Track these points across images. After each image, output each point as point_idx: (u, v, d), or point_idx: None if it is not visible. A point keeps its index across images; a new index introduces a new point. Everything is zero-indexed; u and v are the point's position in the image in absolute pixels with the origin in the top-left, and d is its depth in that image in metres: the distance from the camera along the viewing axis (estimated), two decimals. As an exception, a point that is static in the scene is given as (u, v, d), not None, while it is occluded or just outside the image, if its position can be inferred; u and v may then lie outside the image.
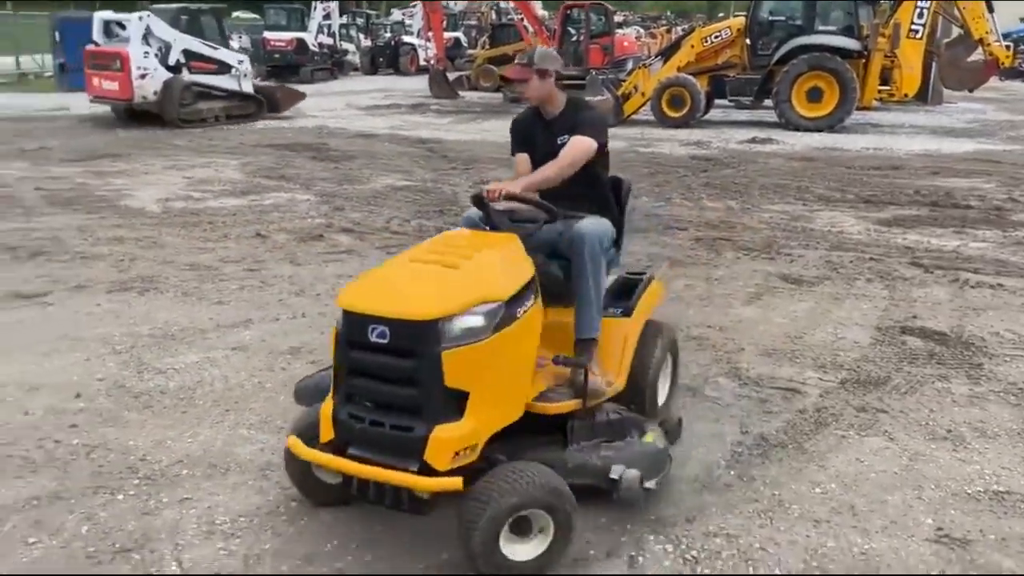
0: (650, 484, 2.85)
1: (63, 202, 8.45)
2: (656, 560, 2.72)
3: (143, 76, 14.09)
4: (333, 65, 27.85)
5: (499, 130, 14.97)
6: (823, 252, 6.71)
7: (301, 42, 25.89)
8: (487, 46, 25.22)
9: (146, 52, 14.17)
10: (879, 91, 14.61)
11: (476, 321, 2.56)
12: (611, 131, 3.73)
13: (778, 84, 14.36)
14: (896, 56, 14.25)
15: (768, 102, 15.02)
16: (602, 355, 3.25)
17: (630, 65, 19.48)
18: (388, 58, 31.13)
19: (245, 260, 6.56)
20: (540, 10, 22.80)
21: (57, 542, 2.76)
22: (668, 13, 44.01)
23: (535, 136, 3.49)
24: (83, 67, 14.91)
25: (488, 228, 3.18)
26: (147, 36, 14.29)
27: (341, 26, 29.99)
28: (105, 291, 5.64)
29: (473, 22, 35.52)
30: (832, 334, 4.89)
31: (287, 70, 25.81)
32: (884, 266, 6.31)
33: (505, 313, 2.63)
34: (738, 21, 15.52)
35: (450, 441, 2.48)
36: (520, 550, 2.54)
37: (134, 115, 14.74)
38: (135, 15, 14.41)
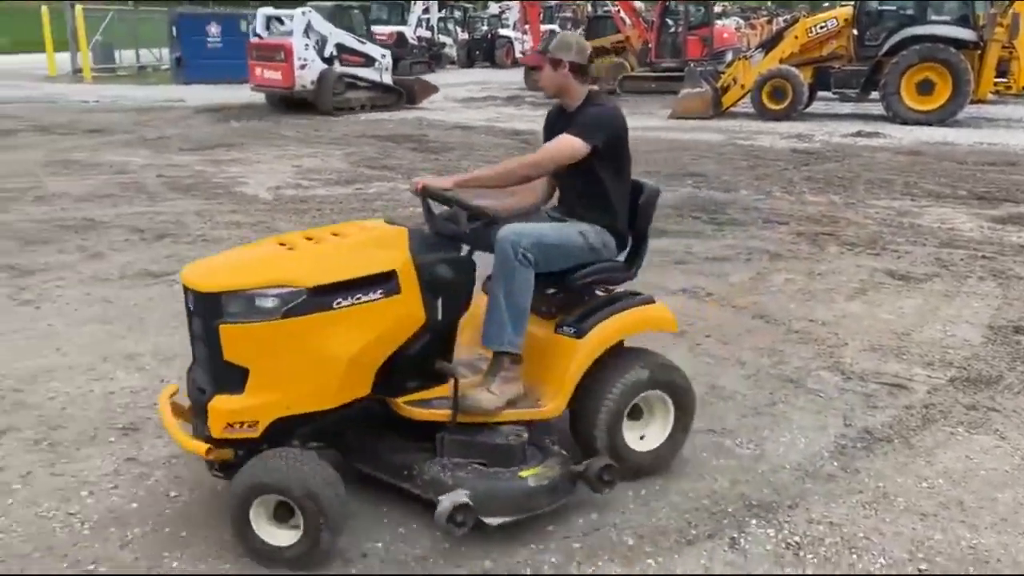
0: (492, 520, 2.66)
1: (183, 188, 8.96)
2: (758, 543, 2.77)
3: (303, 66, 15.25)
4: (430, 58, 28.37)
5: (595, 122, 15.04)
6: (932, 249, 6.51)
7: (401, 35, 26.46)
8: (583, 38, 25.18)
9: (306, 44, 15.39)
10: (995, 83, 13.95)
11: (263, 302, 2.56)
12: (708, 123, 3.75)
13: (886, 76, 13.89)
14: (1014, 47, 13.57)
15: (875, 95, 14.54)
16: (541, 373, 3.01)
17: (729, 57, 19.16)
18: (484, 51, 31.51)
19: (352, 245, 6.83)
20: (638, 1, 22.59)
21: (196, 496, 3.00)
22: (769, 3, 42.88)
23: (557, 131, 3.15)
24: (196, 59, 15.75)
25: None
26: (307, 30, 15.50)
27: (439, 20, 30.51)
28: (225, 271, 5.99)
29: (568, 14, 35.50)
30: (941, 331, 4.78)
31: (386, 63, 26.42)
32: (998, 264, 6.08)
33: (306, 300, 2.58)
34: (845, 11, 15.07)
35: (222, 412, 2.56)
36: (278, 535, 2.57)
37: (289, 103, 15.88)
38: (298, 10, 15.74)
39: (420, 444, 2.86)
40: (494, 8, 37.74)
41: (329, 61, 15.79)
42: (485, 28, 34.06)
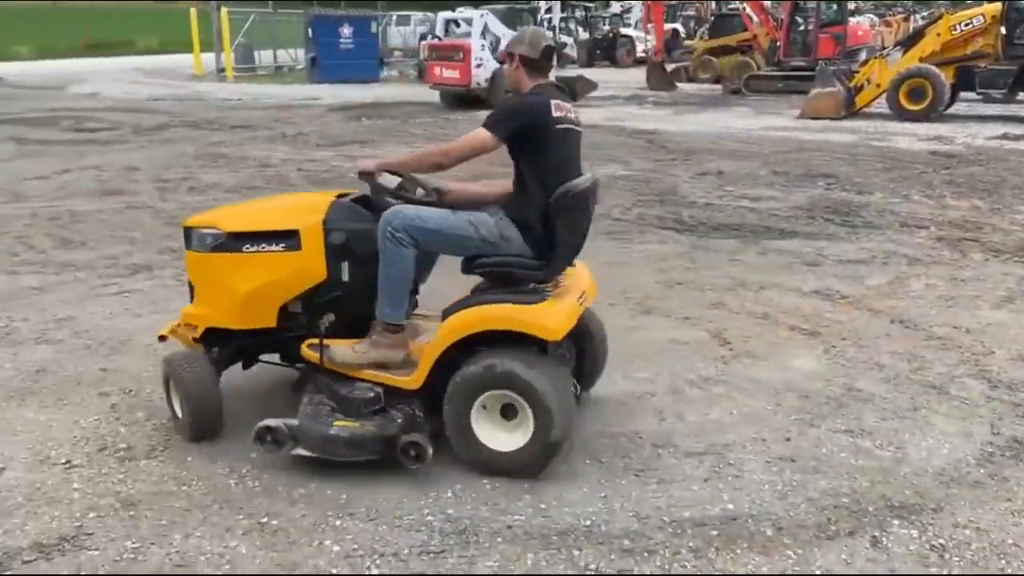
0: (297, 451, 3.09)
1: (320, 182, 9.43)
2: (901, 543, 2.74)
3: (479, 66, 16.38)
4: (551, 58, 28.51)
5: (719, 121, 14.80)
6: (1089, 258, 6.14)
7: (523, 36, 26.76)
8: (706, 37, 24.80)
9: (482, 45, 16.53)
10: None
11: (203, 238, 3.38)
12: (839, 124, 3.69)
13: (1038, 76, 13.06)
14: None
15: (1023, 96, 13.70)
16: (423, 347, 3.21)
17: (863, 55, 18.43)
18: (605, 50, 31.43)
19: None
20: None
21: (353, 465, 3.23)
22: (907, 1, 40.84)
23: None
24: (329, 59, 16.46)
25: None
26: (484, 31, 16.70)
27: (560, 19, 30.64)
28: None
29: (691, 12, 34.96)
30: (1099, 344, 4.52)
31: (508, 63, 26.80)
32: None
33: (224, 242, 3.31)
34: (993, 7, 14.23)
35: (183, 315, 3.52)
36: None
37: (463, 100, 16.96)
38: (477, 12, 17.26)
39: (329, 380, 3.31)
40: (616, 7, 37.61)
41: (501, 61, 16.41)
42: (607, 27, 33.98)
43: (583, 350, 3.72)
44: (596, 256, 6.51)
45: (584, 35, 33.91)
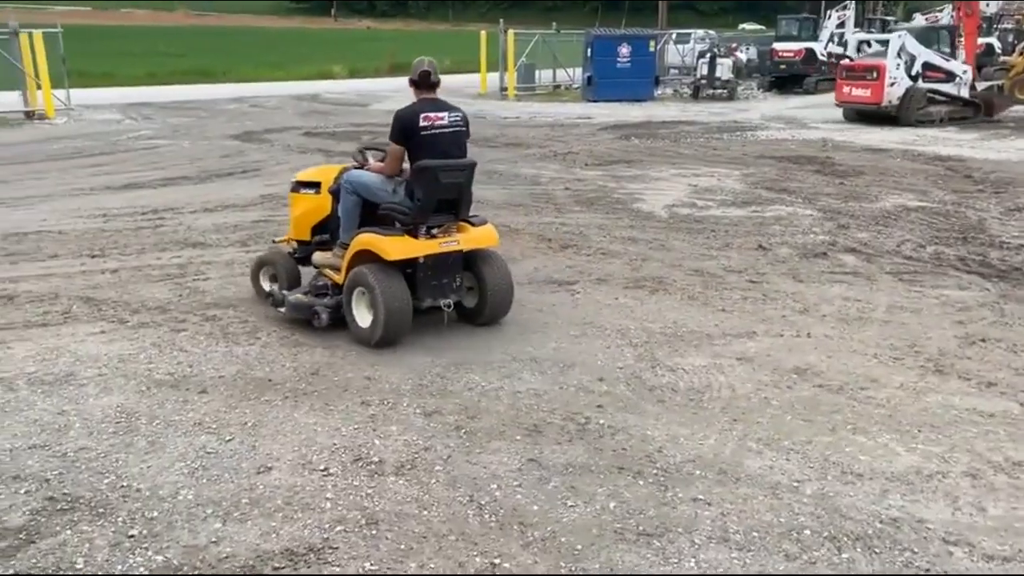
0: (280, 310, 5.16)
1: (586, 202, 9.45)
2: None
3: (892, 84, 16.91)
4: (840, 75, 26.69)
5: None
6: None
7: (810, 52, 25.30)
8: (1029, 52, 21.76)
9: (897, 64, 16.98)
10: None
11: (293, 186, 5.62)
12: None
13: None
14: None
15: None
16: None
17: None
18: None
19: (747, 271, 6.61)
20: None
21: (590, 510, 3.07)
22: None
23: None
24: (605, 78, 16.43)
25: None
26: (900, 51, 17.05)
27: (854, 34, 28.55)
28: (622, 286, 6.16)
29: (1010, 25, 30.90)
30: None
31: (790, 80, 25.49)
32: None
33: (294, 186, 5.59)
34: None
35: (287, 232, 5.81)
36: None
37: (864, 117, 17.52)
38: (895, 34, 17.71)
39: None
40: (919, 20, 34.30)
41: (914, 79, 17.15)
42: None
43: (479, 289, 5.13)
44: (879, 298, 5.87)
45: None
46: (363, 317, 4.79)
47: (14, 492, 3.14)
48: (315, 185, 5.40)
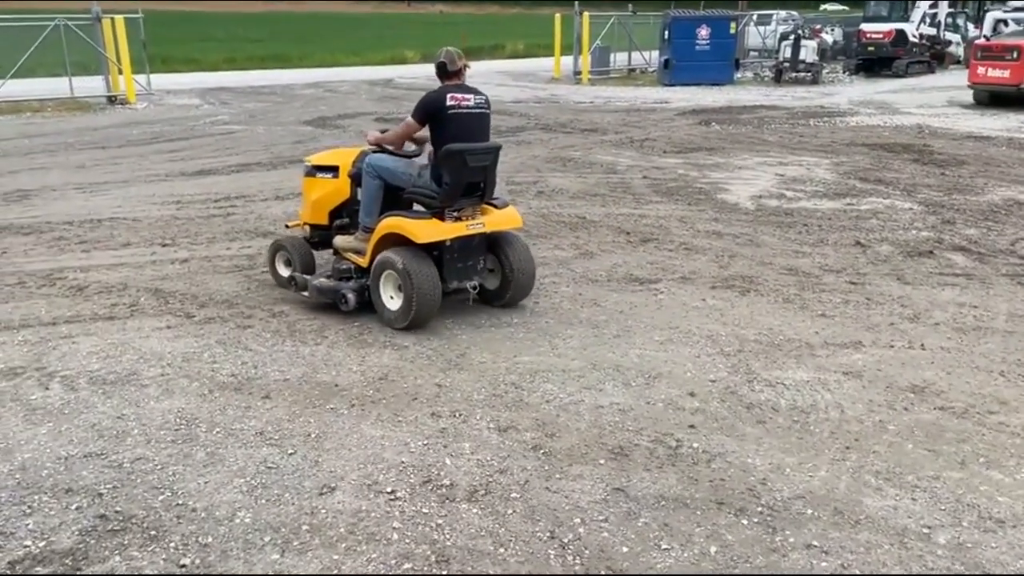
0: (303, 294, 5.18)
1: (666, 192, 8.99)
2: None
3: None
4: (932, 57, 25.28)
5: None
6: None
7: (900, 33, 23.97)
8: None
9: None
10: None
11: (306, 169, 5.53)
12: None
13: None
14: None
15: None
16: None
17: None
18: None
19: (846, 271, 6.10)
20: None
21: (687, 555, 2.71)
22: None
23: None
24: (683, 61, 15.79)
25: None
26: None
27: (948, 14, 26.98)
28: (708, 286, 5.73)
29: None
30: None
31: (879, 63, 24.25)
32: None
33: (310, 170, 5.48)
34: None
35: (299, 216, 5.72)
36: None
37: (997, 99, 16.77)
38: None
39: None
40: (1018, 2, 32.29)
41: None
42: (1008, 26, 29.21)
43: (501, 271, 5.13)
44: (998, 305, 5.28)
45: (975, 31, 29.60)
46: (391, 300, 4.82)
47: (65, 508, 2.95)
48: (333, 169, 5.33)
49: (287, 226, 5.83)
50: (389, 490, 3.09)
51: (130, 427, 3.58)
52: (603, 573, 2.58)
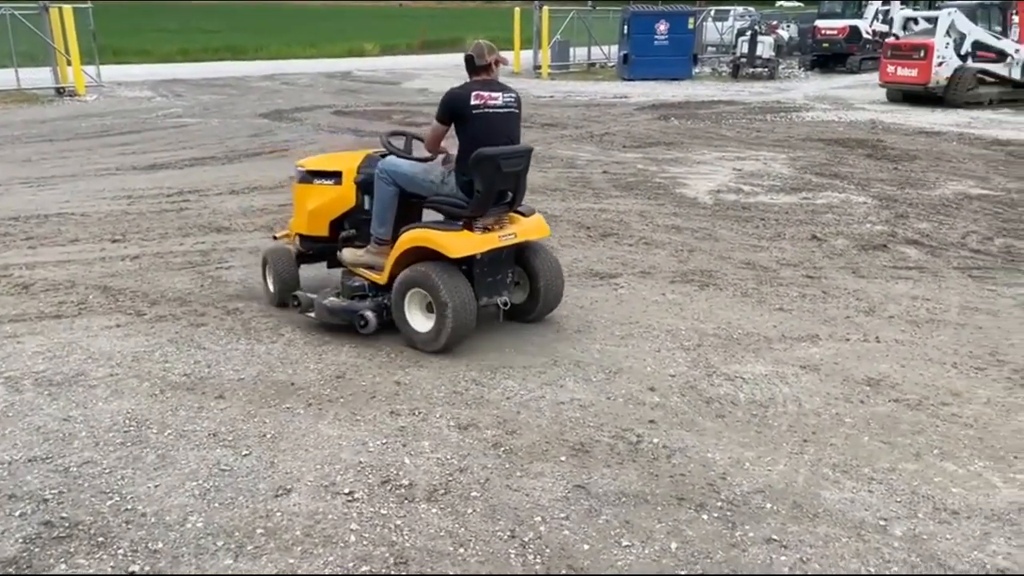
0: (307, 314, 4.67)
1: (625, 186, 9.00)
2: None
3: (940, 64, 16.12)
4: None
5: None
6: None
7: (854, 30, 24.38)
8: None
9: (946, 43, 16.11)
10: None
11: (299, 174, 4.96)
12: None
13: None
14: None
15: None
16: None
17: None
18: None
19: (803, 264, 6.16)
20: None
21: (648, 551, 2.70)
22: None
23: None
24: (642, 56, 15.88)
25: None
26: (949, 29, 16.18)
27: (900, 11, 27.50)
28: (668, 280, 5.75)
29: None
30: None
31: (833, 59, 24.64)
32: None
33: (304, 176, 4.91)
34: None
35: (290, 225, 5.17)
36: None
37: (909, 98, 16.83)
38: (943, 11, 16.56)
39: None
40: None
41: (963, 58, 16.36)
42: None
43: (530, 284, 4.74)
44: (950, 298, 5.39)
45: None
46: (419, 321, 4.34)
47: (8, 515, 2.83)
48: (334, 175, 4.80)
49: (274, 237, 5.39)
50: (347, 491, 3.03)
51: (77, 430, 3.46)
52: (564, 572, 2.56)
